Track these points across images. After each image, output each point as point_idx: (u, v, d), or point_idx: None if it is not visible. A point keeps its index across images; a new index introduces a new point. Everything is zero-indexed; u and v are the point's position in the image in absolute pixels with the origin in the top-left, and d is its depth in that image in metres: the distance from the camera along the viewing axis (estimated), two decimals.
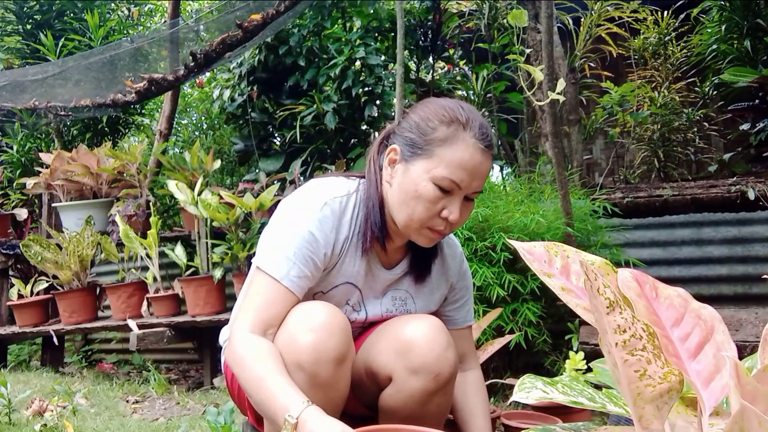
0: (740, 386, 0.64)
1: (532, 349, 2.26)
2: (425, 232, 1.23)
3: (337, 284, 1.29)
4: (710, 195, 2.99)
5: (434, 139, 1.18)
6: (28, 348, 4.56)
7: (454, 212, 1.19)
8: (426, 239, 1.25)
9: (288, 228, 1.22)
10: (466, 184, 1.18)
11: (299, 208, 1.24)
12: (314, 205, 1.23)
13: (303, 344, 1.13)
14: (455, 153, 1.17)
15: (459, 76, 4.88)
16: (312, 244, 1.21)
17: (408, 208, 1.21)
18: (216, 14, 4.47)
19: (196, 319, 3.13)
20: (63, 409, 2.47)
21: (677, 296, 0.88)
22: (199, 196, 3.15)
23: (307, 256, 1.20)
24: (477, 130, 1.19)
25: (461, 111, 1.21)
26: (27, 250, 3.40)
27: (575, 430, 0.93)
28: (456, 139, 1.17)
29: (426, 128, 1.20)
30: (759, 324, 2.17)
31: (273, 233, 1.24)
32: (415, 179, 1.19)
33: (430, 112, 1.22)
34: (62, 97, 4.04)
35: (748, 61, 3.73)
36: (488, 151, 1.20)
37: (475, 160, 1.18)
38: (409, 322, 1.28)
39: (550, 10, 2.46)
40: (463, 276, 1.45)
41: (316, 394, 1.12)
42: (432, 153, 1.18)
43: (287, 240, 1.21)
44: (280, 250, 1.20)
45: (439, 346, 1.23)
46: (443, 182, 1.17)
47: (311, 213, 1.22)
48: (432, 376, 1.22)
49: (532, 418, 1.68)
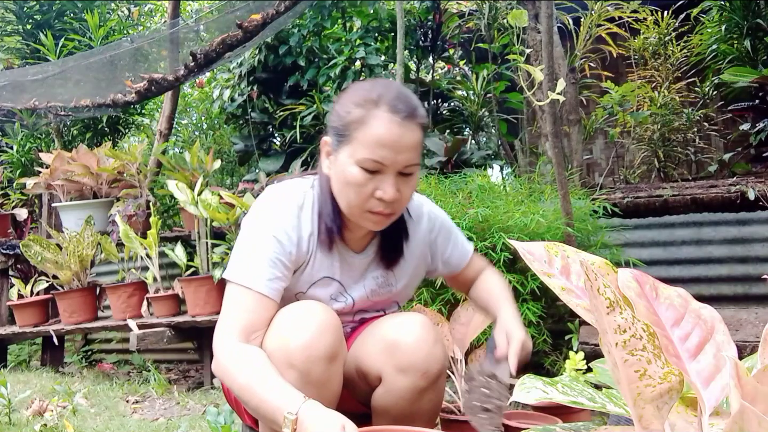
0: (740, 386, 0.64)
1: (532, 349, 2.26)
2: (367, 215, 1.21)
3: (314, 281, 1.30)
4: (710, 195, 2.99)
5: (350, 123, 1.17)
6: (28, 348, 4.56)
7: (387, 191, 1.17)
8: (371, 223, 1.23)
9: (250, 238, 1.24)
10: (391, 160, 1.16)
11: (257, 216, 1.26)
12: (270, 209, 1.26)
13: (294, 343, 1.13)
14: (370, 131, 1.15)
15: (459, 76, 4.89)
16: (275, 246, 1.22)
17: (344, 195, 1.21)
18: (216, 14, 4.47)
19: (196, 319, 3.13)
20: (63, 409, 2.47)
21: (677, 296, 0.88)
22: (199, 196, 3.15)
23: (273, 259, 1.21)
24: (389, 104, 1.16)
25: (373, 89, 1.19)
26: (27, 250, 3.39)
27: (575, 430, 0.93)
28: (369, 118, 1.16)
29: (343, 114, 1.19)
30: (759, 324, 2.17)
31: (237, 246, 1.26)
32: (343, 166, 1.19)
33: (346, 98, 1.22)
34: (62, 97, 4.04)
35: (748, 61, 3.73)
36: (408, 122, 1.16)
37: (393, 134, 1.15)
38: (395, 320, 1.29)
39: (550, 10, 2.46)
40: (437, 230, 1.43)
41: (309, 392, 1.12)
42: (351, 137, 1.17)
43: (251, 249, 1.22)
44: (246, 260, 1.22)
45: (426, 343, 1.23)
46: (366, 163, 1.16)
47: (269, 218, 1.24)
48: (420, 373, 1.22)
49: (532, 418, 1.68)
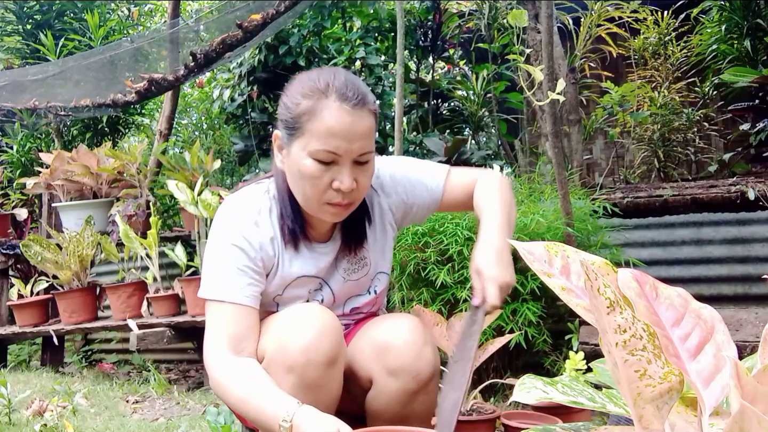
0: (740, 386, 0.64)
1: (532, 349, 2.26)
2: (325, 207, 1.19)
3: (289, 282, 1.29)
4: (710, 195, 2.99)
5: (300, 114, 1.15)
6: (28, 348, 4.56)
7: (344, 181, 1.15)
8: (330, 215, 1.21)
9: (214, 253, 1.23)
10: (344, 149, 1.14)
11: (216, 231, 1.25)
12: (228, 220, 1.25)
13: (294, 347, 1.13)
14: (321, 123, 1.13)
15: (459, 76, 4.88)
16: (239, 255, 1.21)
17: (300, 189, 1.20)
18: (216, 14, 4.47)
19: (196, 319, 3.13)
20: (63, 409, 2.47)
21: (677, 296, 0.88)
22: (199, 196, 3.15)
23: (240, 267, 1.21)
24: (338, 92, 1.14)
25: (320, 78, 1.17)
26: (27, 250, 3.39)
27: (575, 430, 0.92)
28: (318, 108, 1.13)
29: (292, 106, 1.17)
30: (759, 324, 2.17)
31: (204, 263, 1.26)
32: (296, 159, 1.17)
33: (293, 89, 1.20)
34: (62, 97, 4.04)
35: (748, 61, 3.73)
36: (357, 109, 1.14)
37: (344, 123, 1.13)
38: (385, 322, 1.28)
39: (550, 10, 2.46)
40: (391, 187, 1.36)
41: (308, 396, 1.12)
42: (302, 129, 1.15)
43: (216, 263, 1.22)
44: (214, 275, 1.22)
45: (416, 345, 1.22)
46: (320, 155, 1.14)
47: (227, 228, 1.24)
48: (411, 376, 1.21)
49: (532, 418, 1.68)
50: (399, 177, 1.37)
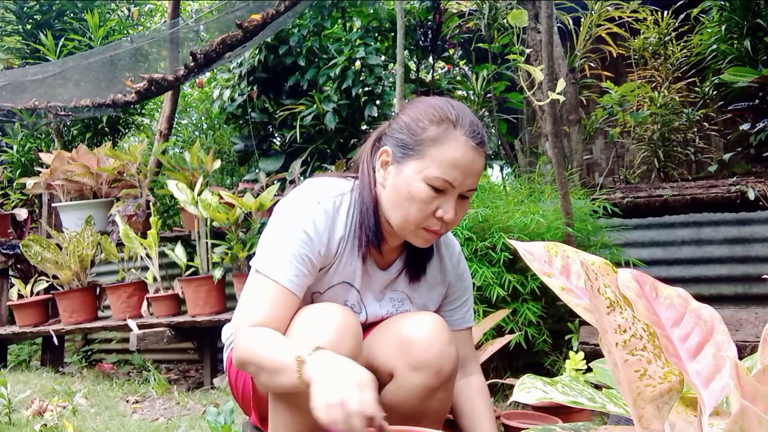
0: (740, 386, 0.64)
1: (532, 349, 2.26)
2: (421, 232, 1.22)
3: (333, 284, 1.30)
4: (710, 195, 2.99)
5: (425, 139, 1.18)
6: (28, 348, 4.56)
7: (449, 212, 1.18)
8: (422, 240, 1.24)
9: (282, 229, 1.23)
10: (460, 182, 1.17)
11: (293, 208, 1.25)
12: (307, 204, 1.25)
13: (316, 343, 1.13)
14: (447, 152, 1.16)
15: (459, 76, 4.88)
16: (306, 243, 1.21)
17: (402, 209, 1.20)
18: (216, 14, 4.47)
19: (196, 319, 3.13)
20: (63, 409, 2.47)
21: (677, 296, 0.88)
22: (199, 196, 3.15)
23: (303, 255, 1.21)
24: (468, 127, 1.18)
25: (451, 109, 1.20)
26: (27, 250, 3.39)
27: (575, 430, 0.92)
28: (447, 138, 1.17)
29: (416, 128, 1.19)
30: (759, 324, 2.17)
31: (269, 236, 1.25)
32: (408, 180, 1.18)
33: (420, 112, 1.21)
34: (62, 97, 4.03)
35: (748, 61, 3.73)
36: (480, 148, 1.19)
37: (467, 158, 1.17)
38: (410, 318, 1.29)
39: (550, 10, 2.46)
40: (462, 276, 1.44)
41: None
42: (423, 153, 1.17)
43: (282, 241, 1.22)
44: (276, 252, 1.21)
45: (441, 342, 1.23)
46: (436, 182, 1.16)
47: (304, 212, 1.23)
48: (433, 372, 1.22)
49: (532, 418, 1.68)
50: (467, 278, 1.46)
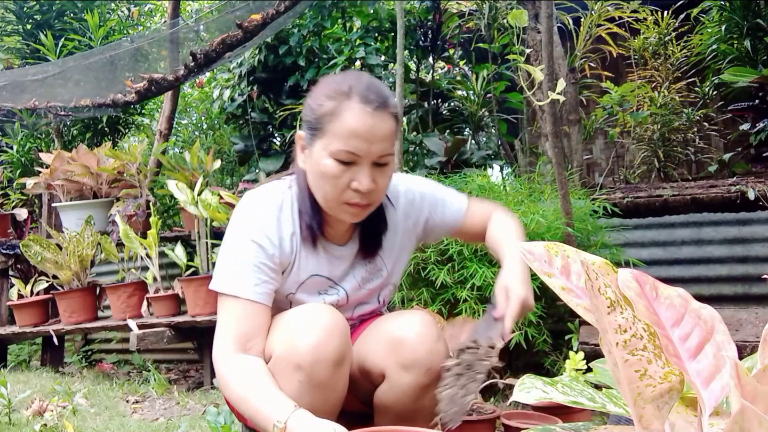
0: (740, 386, 0.64)
1: (532, 349, 2.26)
2: (344, 207, 1.22)
3: (303, 280, 1.30)
4: (710, 195, 2.99)
5: (323, 116, 1.18)
6: (28, 348, 4.56)
7: (363, 181, 1.18)
8: (349, 215, 1.24)
9: (231, 246, 1.25)
10: (365, 150, 1.16)
11: (236, 223, 1.26)
12: (248, 214, 1.26)
13: (303, 345, 1.14)
14: (343, 123, 1.16)
15: (459, 76, 4.88)
16: (258, 251, 1.22)
17: (320, 188, 1.22)
18: (216, 14, 4.47)
19: (196, 319, 3.13)
20: (63, 409, 2.47)
21: (677, 296, 0.88)
22: (199, 196, 3.15)
23: (257, 264, 1.22)
24: (361, 94, 1.17)
25: (344, 81, 1.20)
26: (27, 250, 3.39)
27: (575, 430, 0.92)
28: (341, 110, 1.17)
29: (315, 107, 1.20)
30: (759, 324, 2.17)
31: (222, 255, 1.26)
32: (317, 159, 1.20)
33: (318, 91, 1.23)
34: (62, 97, 4.04)
35: (748, 61, 3.73)
36: (380, 111, 1.17)
37: (365, 125, 1.15)
38: (398, 318, 1.29)
39: (550, 10, 2.46)
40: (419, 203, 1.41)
41: (315, 394, 1.12)
42: (324, 130, 1.18)
43: (234, 257, 1.23)
44: (230, 268, 1.23)
45: (430, 339, 1.23)
46: (341, 155, 1.17)
47: (247, 223, 1.25)
48: (424, 370, 1.22)
49: (532, 418, 1.68)
50: (428, 196, 1.43)
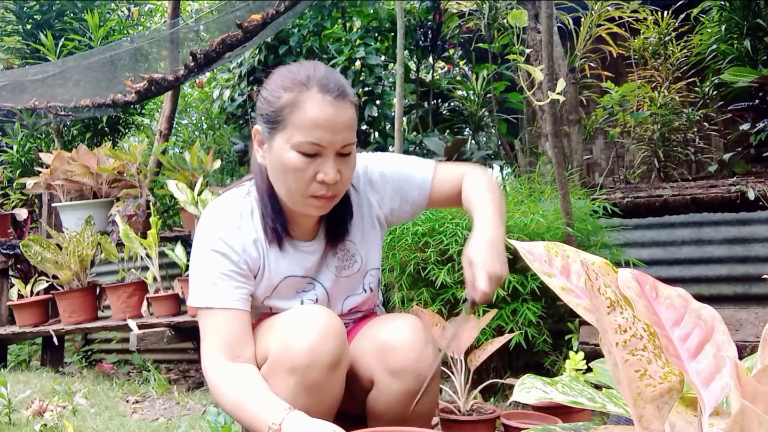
0: (740, 386, 0.64)
1: (532, 349, 2.26)
2: (310, 201, 1.19)
3: (277, 284, 1.29)
4: (710, 195, 2.99)
5: (282, 108, 1.15)
6: (28, 348, 4.56)
7: (328, 173, 1.15)
8: (315, 208, 1.21)
9: (198, 260, 1.24)
10: (328, 140, 1.14)
11: (199, 238, 1.25)
12: (209, 226, 1.25)
13: (298, 348, 1.13)
14: (304, 114, 1.13)
15: (459, 76, 4.88)
16: (222, 260, 1.21)
17: (283, 183, 1.19)
18: (216, 14, 4.47)
19: (196, 319, 3.13)
20: (63, 409, 2.47)
21: (677, 296, 0.88)
22: (199, 196, 3.15)
23: (225, 272, 1.21)
24: (319, 84, 1.15)
25: (300, 71, 1.18)
26: (27, 250, 3.39)
27: (575, 430, 0.92)
28: (301, 101, 1.14)
29: (273, 100, 1.17)
30: (759, 324, 2.17)
31: (191, 271, 1.26)
32: (279, 153, 1.17)
33: (274, 83, 1.20)
34: (62, 97, 4.03)
35: (748, 61, 3.73)
36: (340, 100, 1.15)
37: (326, 115, 1.13)
38: (387, 323, 1.28)
39: (550, 10, 2.46)
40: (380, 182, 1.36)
41: (310, 397, 1.11)
42: (285, 122, 1.15)
43: (201, 270, 1.22)
44: (200, 282, 1.22)
45: (418, 345, 1.22)
46: (304, 147, 1.14)
47: (209, 235, 1.24)
48: (413, 376, 1.21)
49: (532, 418, 1.68)
50: (388, 173, 1.37)
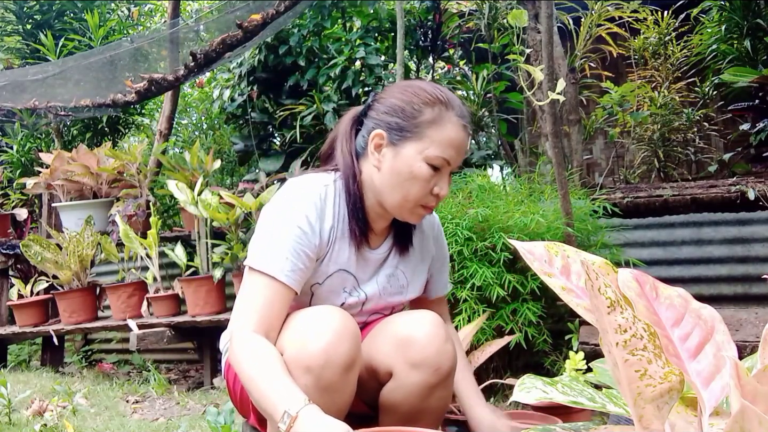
0: (740, 386, 0.64)
1: (532, 349, 2.26)
2: (418, 210, 1.29)
3: (331, 273, 1.32)
4: (710, 195, 2.98)
5: (423, 122, 1.24)
6: (28, 348, 4.56)
7: (444, 188, 1.27)
8: (417, 216, 1.32)
9: (275, 227, 1.25)
10: (455, 160, 1.26)
11: (282, 206, 1.28)
12: (296, 201, 1.28)
13: (313, 348, 1.13)
14: (444, 132, 1.24)
15: (459, 76, 4.88)
16: (301, 237, 1.24)
17: (403, 189, 1.26)
18: (216, 14, 4.47)
19: (196, 319, 3.13)
20: (63, 409, 2.47)
21: (677, 296, 0.88)
22: (199, 196, 3.15)
23: (298, 250, 1.23)
24: (458, 109, 1.27)
25: (441, 92, 1.28)
26: (27, 250, 3.39)
27: (575, 430, 0.92)
28: (443, 119, 1.24)
29: (412, 111, 1.25)
30: (759, 324, 2.17)
31: (261, 235, 1.27)
32: (409, 161, 1.24)
33: (412, 95, 1.27)
34: (62, 97, 4.03)
35: (748, 61, 3.73)
36: (468, 128, 1.29)
37: (461, 138, 1.26)
38: (407, 317, 1.30)
39: (550, 10, 2.45)
40: (442, 245, 1.53)
41: (323, 397, 1.11)
42: (422, 134, 1.24)
43: (276, 238, 1.24)
44: (271, 249, 1.23)
45: (439, 339, 1.24)
46: (436, 161, 1.24)
47: (294, 209, 1.26)
48: (432, 369, 1.23)
49: (532, 418, 1.68)
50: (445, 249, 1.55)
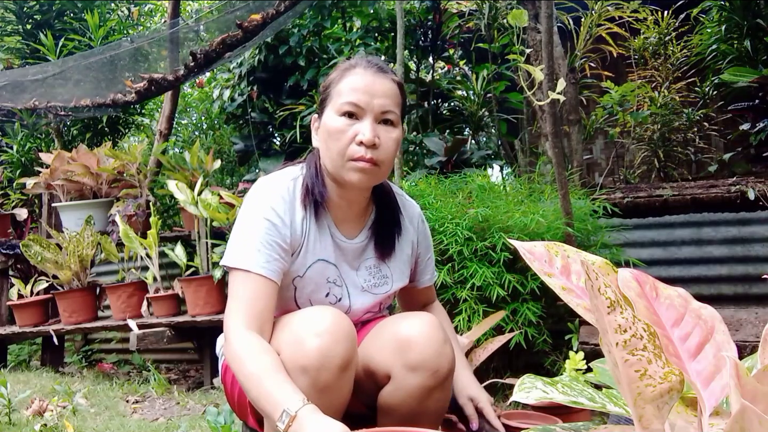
0: (740, 386, 0.64)
1: (532, 349, 2.26)
2: (350, 164, 1.26)
3: (310, 264, 1.33)
4: (710, 195, 2.99)
5: (329, 84, 1.32)
6: (28, 348, 4.56)
7: (365, 132, 1.24)
8: (355, 172, 1.27)
9: (245, 224, 1.29)
10: (366, 101, 1.25)
11: (251, 204, 1.31)
12: (263, 196, 1.31)
13: (309, 348, 1.13)
14: (346, 82, 1.28)
15: (459, 76, 4.88)
16: (270, 229, 1.26)
17: (330, 149, 1.29)
18: (216, 14, 4.47)
19: (196, 319, 3.13)
20: (63, 409, 2.47)
21: (677, 296, 0.88)
22: (199, 196, 3.15)
23: (270, 242, 1.25)
24: (365, 62, 1.30)
25: (350, 60, 1.34)
26: (27, 250, 3.39)
27: (575, 430, 0.92)
28: (346, 74, 1.29)
29: (325, 84, 1.33)
30: (759, 324, 2.17)
31: (233, 234, 1.30)
32: (326, 122, 1.29)
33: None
34: (62, 97, 4.03)
35: (748, 61, 3.73)
36: (380, 72, 1.29)
37: (366, 80, 1.27)
38: (405, 319, 1.30)
39: (550, 10, 2.45)
40: (426, 235, 1.53)
41: (319, 398, 1.11)
42: (331, 95, 1.30)
43: (247, 234, 1.27)
44: (243, 245, 1.26)
45: (437, 342, 1.24)
46: (344, 107, 1.26)
47: (262, 203, 1.29)
48: (430, 372, 1.23)
49: (532, 418, 1.68)
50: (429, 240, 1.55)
